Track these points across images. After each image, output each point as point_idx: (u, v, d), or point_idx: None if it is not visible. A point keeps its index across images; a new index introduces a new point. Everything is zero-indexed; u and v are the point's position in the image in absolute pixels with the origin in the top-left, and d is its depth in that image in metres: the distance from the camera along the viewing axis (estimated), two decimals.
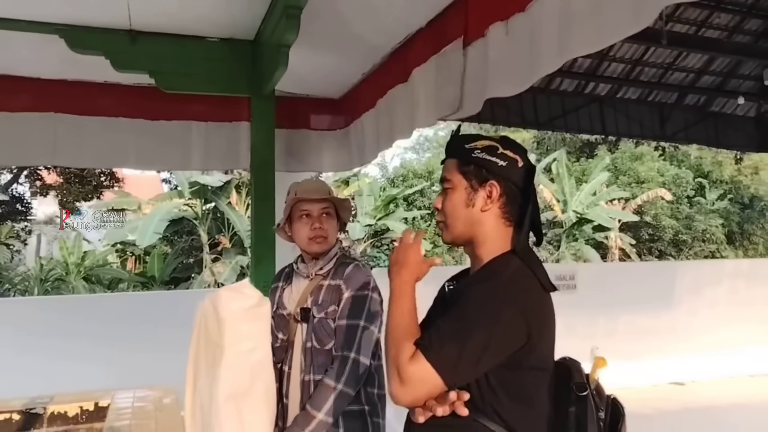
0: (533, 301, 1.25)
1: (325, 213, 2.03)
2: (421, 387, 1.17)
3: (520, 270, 1.28)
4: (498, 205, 1.31)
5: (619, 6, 1.67)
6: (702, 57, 7.45)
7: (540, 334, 1.23)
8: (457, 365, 1.17)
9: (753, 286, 7.27)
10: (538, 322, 1.24)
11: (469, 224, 1.33)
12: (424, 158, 23.55)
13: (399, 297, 1.27)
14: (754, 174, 18.94)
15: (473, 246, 1.35)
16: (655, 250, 17.87)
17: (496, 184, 1.30)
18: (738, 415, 5.53)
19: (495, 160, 1.31)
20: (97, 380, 3.72)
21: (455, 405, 1.17)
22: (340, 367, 1.85)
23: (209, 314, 1.66)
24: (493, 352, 1.18)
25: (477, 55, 2.49)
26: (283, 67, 3.02)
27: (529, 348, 1.21)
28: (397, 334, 1.22)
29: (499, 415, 1.20)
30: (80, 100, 3.79)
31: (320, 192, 2.04)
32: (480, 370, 1.19)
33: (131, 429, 2.30)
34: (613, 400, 1.32)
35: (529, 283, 1.27)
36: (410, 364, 1.17)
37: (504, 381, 1.21)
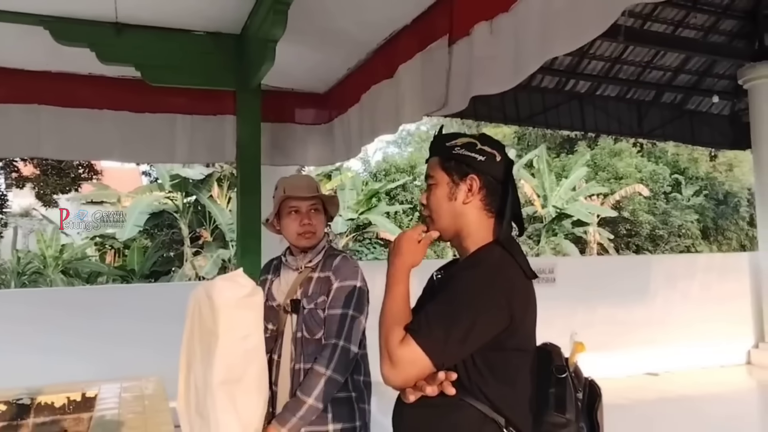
0: (516, 285, 1.32)
1: (313, 209, 2.08)
2: (411, 368, 1.23)
3: (503, 257, 1.35)
4: (479, 198, 1.38)
5: (593, 4, 1.75)
6: (679, 56, 7.63)
7: (522, 317, 1.31)
8: (444, 347, 1.23)
9: (725, 279, 7.47)
10: (521, 305, 1.31)
11: (452, 217, 1.40)
12: (406, 153, 23.60)
13: (394, 283, 1.34)
14: (728, 171, 19.38)
15: (459, 238, 1.42)
16: (632, 244, 18.21)
17: (476, 178, 1.37)
18: (709, 404, 5.71)
19: (474, 156, 1.38)
20: (78, 373, 3.72)
21: (443, 385, 1.24)
22: (329, 355, 1.91)
23: (203, 302, 1.71)
24: (479, 334, 1.25)
25: (462, 54, 2.56)
26: (270, 62, 3.05)
27: (512, 330, 1.28)
28: (390, 318, 1.29)
29: (485, 394, 1.27)
30: (64, 92, 3.78)
31: (309, 189, 2.09)
32: (466, 350, 1.26)
33: (120, 418, 2.33)
34: (590, 382, 1.40)
35: (511, 269, 1.34)
36: (400, 347, 1.23)
37: (489, 362, 1.28)
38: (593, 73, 7.56)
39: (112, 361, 4.48)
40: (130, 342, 4.78)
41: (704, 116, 8.47)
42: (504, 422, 1.27)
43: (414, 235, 1.39)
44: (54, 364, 4.24)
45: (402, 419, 1.38)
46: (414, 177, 18.47)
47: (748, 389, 6.77)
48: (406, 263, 1.36)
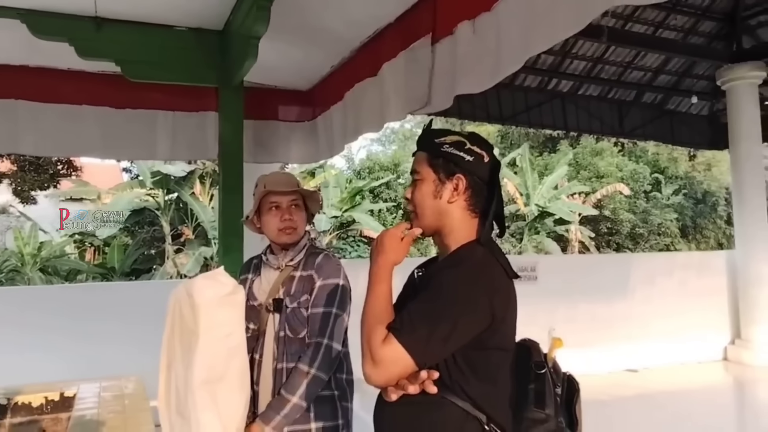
0: (497, 285, 1.33)
1: (294, 205, 2.07)
2: (393, 367, 1.23)
3: (485, 257, 1.36)
4: (464, 198, 1.39)
5: (570, 4, 1.78)
6: (659, 57, 7.73)
7: (503, 316, 1.31)
8: (426, 346, 1.24)
9: (703, 277, 7.60)
10: (502, 305, 1.32)
11: (436, 214, 1.40)
12: (390, 150, 23.60)
13: (376, 282, 1.34)
14: (706, 170, 19.68)
15: (441, 236, 1.43)
16: (613, 243, 18.42)
17: (462, 178, 1.38)
18: (687, 399, 5.81)
19: (462, 155, 1.38)
20: (57, 372, 3.67)
21: (425, 384, 1.24)
22: (313, 353, 1.90)
23: (184, 301, 1.69)
24: (461, 333, 1.26)
25: (445, 52, 2.57)
26: (253, 59, 3.02)
27: (494, 329, 1.29)
28: (372, 317, 1.29)
29: (466, 392, 1.28)
30: (43, 87, 3.71)
31: (289, 184, 2.08)
32: (448, 350, 1.27)
33: (99, 418, 2.30)
34: (569, 377, 1.43)
35: (493, 268, 1.35)
36: (382, 347, 1.23)
37: (470, 360, 1.29)
38: (575, 73, 7.63)
39: (92, 361, 4.42)
40: (109, 341, 4.72)
41: (683, 116, 8.60)
42: (485, 419, 1.28)
43: (397, 232, 1.39)
44: (31, 363, 4.18)
45: (383, 417, 1.38)
46: (398, 175, 18.47)
47: (724, 385, 6.90)
48: (389, 261, 1.36)
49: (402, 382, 1.25)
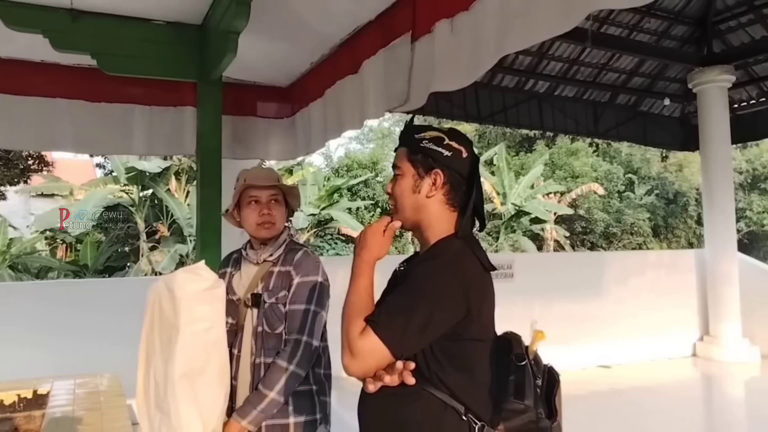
0: (473, 277, 1.36)
1: (273, 199, 2.08)
2: (371, 359, 1.26)
3: (462, 250, 1.39)
4: (442, 192, 1.42)
5: (551, 7, 1.81)
6: (633, 59, 7.87)
7: (479, 308, 1.34)
8: (402, 337, 1.26)
9: (673, 275, 7.77)
10: (478, 296, 1.35)
11: (415, 209, 1.43)
12: (368, 149, 23.61)
13: (357, 276, 1.36)
14: (678, 171, 20.13)
15: (420, 230, 1.45)
16: (587, 241, 18.73)
17: (440, 173, 1.40)
18: (658, 394, 5.95)
19: (441, 151, 1.41)
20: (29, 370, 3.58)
21: (404, 375, 1.27)
22: (292, 350, 1.92)
23: (164, 296, 1.69)
24: (436, 324, 1.28)
25: (424, 50, 2.59)
26: (232, 54, 3.01)
27: (469, 320, 1.32)
28: (351, 310, 1.31)
29: (444, 383, 1.31)
30: (15, 79, 3.64)
31: (269, 179, 2.09)
32: (424, 341, 1.29)
33: (74, 415, 2.28)
34: (549, 369, 1.45)
35: (469, 261, 1.38)
36: (360, 339, 1.25)
37: (447, 351, 1.31)
38: (552, 74, 7.73)
39: (65, 358, 4.34)
40: (83, 339, 4.65)
41: (656, 118, 8.78)
42: (464, 410, 1.31)
43: (380, 227, 1.41)
44: (2, 361, 4.10)
45: (366, 410, 1.40)
46: (376, 173, 18.50)
47: (693, 380, 7.08)
48: (371, 256, 1.38)
49: (379, 373, 1.27)
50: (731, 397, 6.49)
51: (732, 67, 7.39)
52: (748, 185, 20.31)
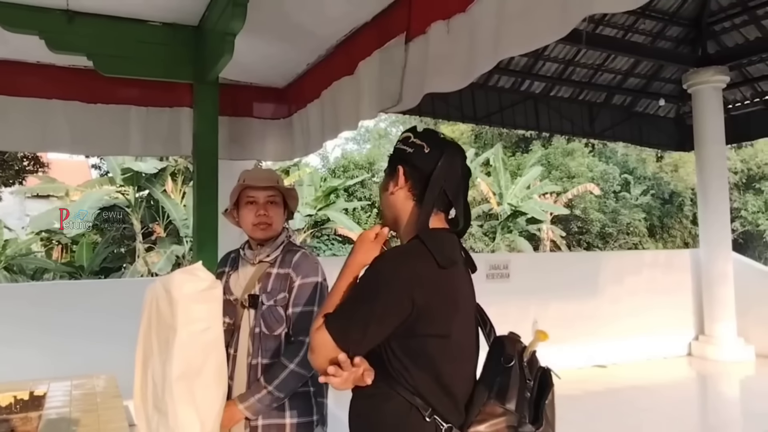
0: (419, 274, 1.32)
1: (270, 201, 2.08)
2: (322, 352, 1.28)
3: (411, 247, 1.38)
4: (406, 188, 1.43)
5: (549, 10, 1.82)
6: (628, 60, 7.91)
7: (428, 304, 1.31)
8: (347, 331, 1.29)
9: (669, 275, 7.82)
10: (426, 293, 1.31)
11: (386, 207, 1.48)
12: (365, 149, 23.62)
13: (340, 278, 1.40)
14: (673, 171, 20.20)
15: (397, 229, 1.47)
16: (583, 242, 18.78)
17: (400, 169, 1.43)
18: (653, 394, 5.97)
19: (404, 148, 1.45)
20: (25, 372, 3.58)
21: (363, 376, 1.28)
22: (296, 350, 1.93)
23: (161, 296, 1.69)
24: (380, 320, 1.30)
25: (418, 51, 2.60)
26: (229, 55, 3.00)
27: (418, 316, 1.30)
28: (321, 309, 1.36)
29: (409, 383, 1.31)
30: (10, 80, 3.61)
31: (268, 180, 2.09)
32: (371, 335, 1.30)
33: (71, 417, 2.28)
34: (543, 371, 1.42)
35: (417, 258, 1.35)
36: (315, 333, 1.31)
37: (407, 349, 1.32)
38: (548, 75, 7.77)
39: (61, 360, 4.35)
40: (79, 340, 4.65)
41: (651, 118, 8.82)
42: (429, 411, 1.30)
43: (370, 234, 1.44)
44: None
45: (350, 410, 1.43)
46: (372, 174, 18.50)
47: (688, 379, 7.12)
48: (356, 261, 1.40)
49: (330, 368, 1.27)
50: (726, 396, 6.53)
51: (726, 68, 7.44)
52: (743, 185, 20.40)
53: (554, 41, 7.05)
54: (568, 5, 1.70)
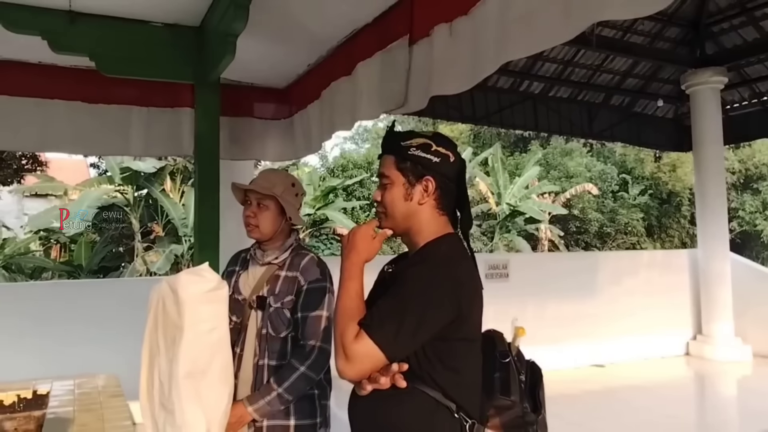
0: (463, 278, 1.37)
1: (261, 204, 2.08)
2: (366, 362, 1.28)
3: (453, 250, 1.41)
4: (433, 198, 1.44)
5: (552, 16, 1.84)
6: (627, 61, 7.94)
7: (469, 308, 1.36)
8: (395, 340, 1.28)
9: (666, 275, 7.84)
10: (468, 297, 1.36)
11: (407, 216, 1.45)
12: (363, 149, 23.64)
13: (347, 279, 1.37)
14: (671, 171, 20.24)
15: (411, 234, 1.47)
16: (581, 241, 18.83)
17: (431, 179, 1.42)
18: (651, 393, 6.00)
19: (429, 157, 1.42)
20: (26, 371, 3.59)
21: (395, 377, 1.29)
22: (308, 354, 1.95)
23: (167, 297, 1.71)
24: (428, 327, 1.30)
25: (422, 54, 2.62)
26: (230, 56, 3.02)
27: (460, 321, 1.34)
28: (344, 314, 1.33)
29: (436, 382, 1.33)
30: (13, 80, 3.64)
31: (257, 184, 2.09)
32: (417, 343, 1.31)
33: (75, 416, 2.29)
34: (532, 363, 1.50)
35: (461, 261, 1.40)
36: (354, 342, 1.27)
37: (439, 351, 1.34)
38: (546, 75, 7.78)
39: (62, 360, 4.35)
40: (80, 339, 4.66)
41: (650, 119, 8.85)
42: (455, 408, 1.33)
43: (369, 230, 1.42)
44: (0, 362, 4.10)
45: (358, 410, 1.42)
46: (371, 173, 18.51)
47: (686, 379, 7.15)
48: (361, 259, 1.39)
49: (374, 375, 1.29)
50: (723, 395, 6.56)
51: (724, 69, 7.47)
52: (740, 185, 20.46)
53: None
54: (572, 10, 1.72)
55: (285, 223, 2.11)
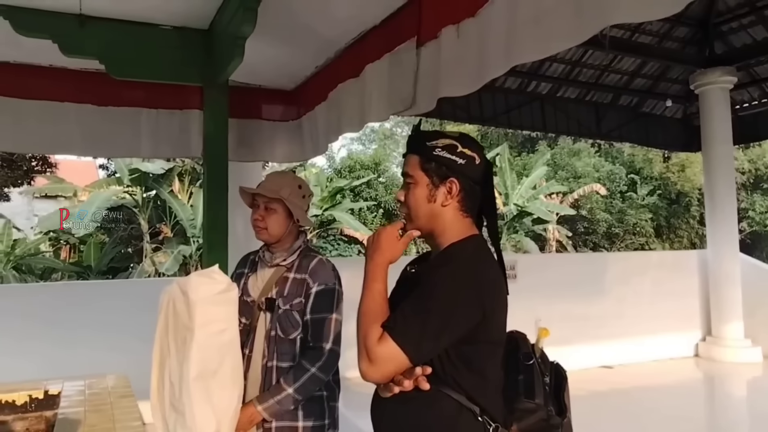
0: (488, 281, 1.37)
1: (269, 207, 2.10)
2: (390, 364, 1.27)
3: (478, 253, 1.41)
4: (457, 200, 1.42)
5: (562, 18, 1.84)
6: (635, 61, 7.90)
7: (494, 311, 1.35)
8: (420, 343, 1.27)
9: (676, 276, 7.80)
10: (493, 300, 1.35)
11: (430, 217, 1.43)
12: (370, 150, 23.66)
13: (371, 280, 1.37)
14: (680, 171, 20.12)
15: (434, 236, 1.46)
16: (589, 242, 18.75)
17: (455, 181, 1.40)
18: (660, 395, 5.98)
19: (455, 159, 1.40)
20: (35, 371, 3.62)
21: (419, 380, 1.28)
22: (317, 355, 1.97)
23: (178, 298, 1.73)
24: (452, 330, 1.30)
25: (430, 56, 2.62)
26: (239, 58, 3.04)
27: (484, 324, 1.33)
28: (368, 315, 1.32)
29: (460, 384, 1.33)
30: (24, 83, 3.67)
31: (264, 188, 2.11)
32: (441, 346, 1.31)
33: (86, 416, 2.31)
34: (556, 365, 1.48)
35: (485, 263, 1.40)
36: (378, 345, 1.26)
37: (463, 354, 1.33)
38: (554, 76, 7.76)
39: (71, 360, 4.37)
40: (90, 340, 4.69)
41: (658, 119, 8.80)
42: (479, 411, 1.32)
43: (394, 231, 1.42)
44: (8, 362, 4.13)
45: (381, 412, 1.41)
46: (379, 174, 18.54)
47: (695, 380, 7.11)
48: (385, 259, 1.38)
49: (398, 378, 1.29)
50: (734, 397, 6.52)
51: (734, 69, 7.41)
52: (750, 185, 20.31)
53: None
54: (583, 13, 1.71)
55: (293, 225, 2.13)
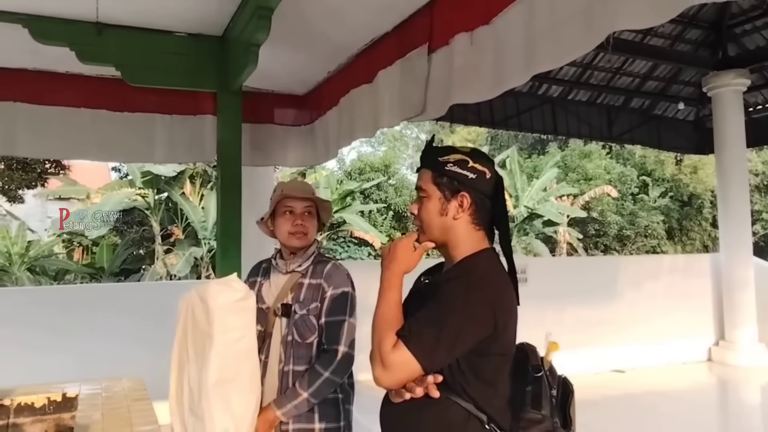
0: (500, 294, 1.41)
1: (307, 211, 2.17)
2: (402, 372, 1.32)
3: (491, 266, 1.45)
4: (468, 213, 1.47)
5: (575, 26, 1.85)
6: (647, 63, 7.86)
7: (506, 324, 1.40)
8: (433, 352, 1.32)
9: (688, 280, 7.73)
10: (505, 313, 1.40)
11: (442, 230, 1.48)
12: (380, 152, 23.68)
13: (387, 289, 1.42)
14: (692, 173, 19.95)
15: (447, 248, 1.51)
16: (600, 244, 18.63)
17: (466, 195, 1.45)
18: (673, 399, 5.94)
19: (466, 173, 1.45)
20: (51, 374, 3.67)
21: (429, 387, 1.33)
22: (330, 358, 2.01)
23: (197, 306, 1.76)
24: (465, 341, 1.34)
25: (441, 62, 2.64)
26: (253, 65, 3.08)
27: (495, 337, 1.37)
28: (382, 324, 1.37)
29: (468, 393, 1.37)
30: (41, 89, 3.74)
31: (305, 191, 2.19)
32: (453, 356, 1.35)
33: (103, 418, 2.34)
34: (564, 379, 1.51)
35: (498, 276, 1.44)
36: (392, 352, 1.32)
37: (473, 365, 1.37)
38: (565, 78, 7.74)
39: (86, 363, 4.44)
40: (104, 343, 4.73)
41: (670, 121, 8.75)
42: (486, 419, 1.36)
43: (409, 243, 1.47)
44: (25, 364, 4.19)
45: (390, 417, 1.45)
46: (388, 176, 18.55)
47: (708, 385, 7.05)
48: (401, 269, 1.43)
49: (410, 385, 1.33)
50: (747, 402, 6.46)
51: (747, 71, 7.35)
52: (764, 188, 20.10)
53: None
54: (593, 21, 1.74)
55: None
